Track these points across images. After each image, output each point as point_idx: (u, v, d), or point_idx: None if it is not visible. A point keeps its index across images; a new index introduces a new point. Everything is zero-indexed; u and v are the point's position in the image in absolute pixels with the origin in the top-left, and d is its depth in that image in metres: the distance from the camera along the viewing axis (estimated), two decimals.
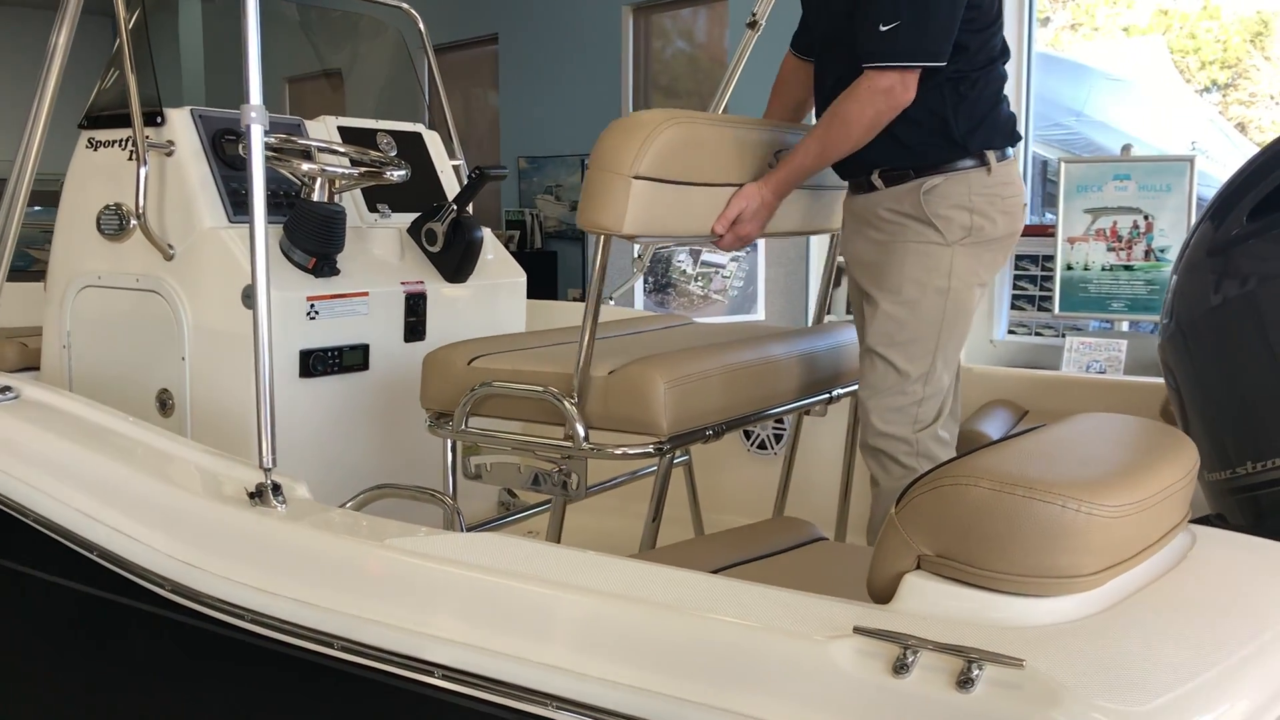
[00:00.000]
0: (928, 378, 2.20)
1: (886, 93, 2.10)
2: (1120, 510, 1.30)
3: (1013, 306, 5.09)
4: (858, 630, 1.25)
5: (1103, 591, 1.30)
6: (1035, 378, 2.99)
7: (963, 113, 2.20)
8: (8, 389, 2.14)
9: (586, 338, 2.02)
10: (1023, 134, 5.24)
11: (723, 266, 5.13)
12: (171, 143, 2.64)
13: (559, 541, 2.23)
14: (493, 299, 3.11)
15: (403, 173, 2.76)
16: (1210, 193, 2.27)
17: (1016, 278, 5.07)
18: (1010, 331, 5.10)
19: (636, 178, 1.94)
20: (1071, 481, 1.29)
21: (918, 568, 1.34)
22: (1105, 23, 6.79)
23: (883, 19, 2.06)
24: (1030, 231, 5.09)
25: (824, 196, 2.56)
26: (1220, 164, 6.05)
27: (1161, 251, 4.57)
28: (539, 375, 2.14)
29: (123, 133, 2.69)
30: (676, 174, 2.03)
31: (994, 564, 1.27)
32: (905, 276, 2.20)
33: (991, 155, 2.23)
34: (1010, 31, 5.16)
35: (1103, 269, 4.70)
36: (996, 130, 2.25)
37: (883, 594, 1.37)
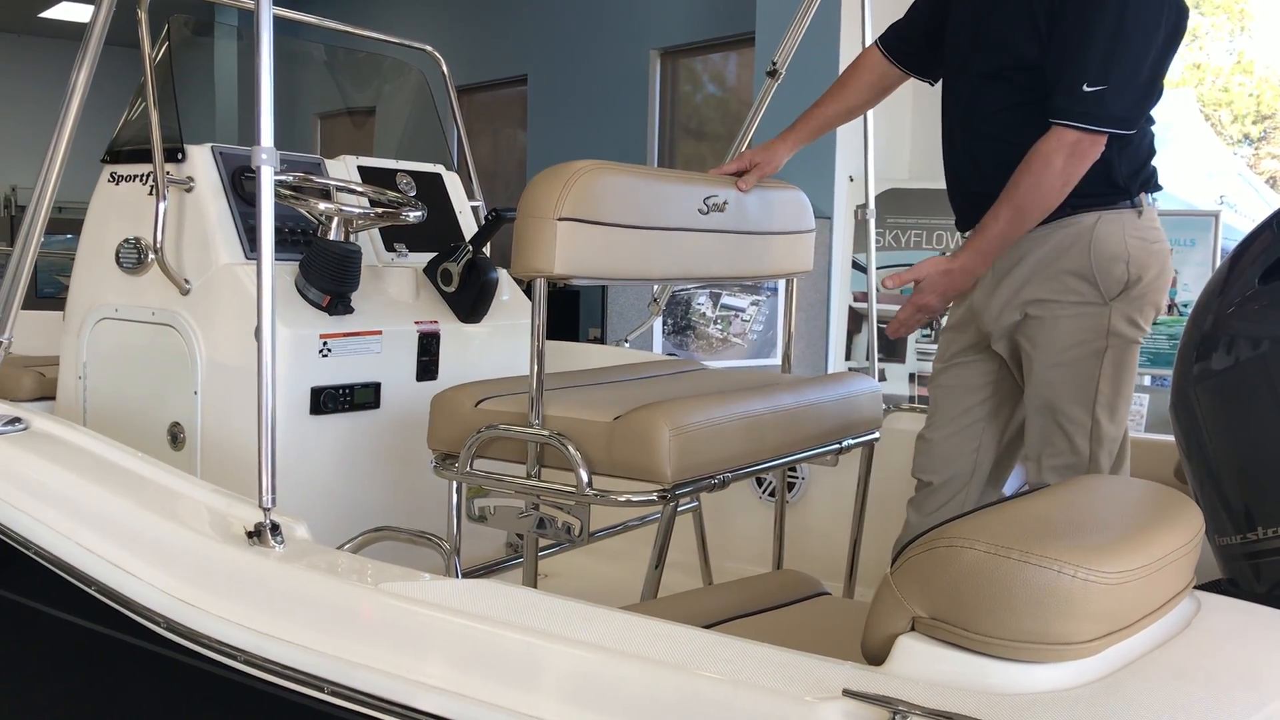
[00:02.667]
0: (1093, 433, 2.22)
1: (1074, 149, 2.10)
2: (1119, 576, 1.27)
3: None
4: (847, 693, 1.22)
5: (1100, 659, 1.28)
6: None
7: (1125, 159, 2.21)
8: (17, 420, 2.15)
9: (535, 382, 2.10)
10: None
11: (743, 310, 5.13)
12: (191, 179, 2.67)
13: (534, 586, 2.22)
14: (507, 340, 3.11)
15: (419, 213, 2.78)
16: None
17: None
18: None
19: (560, 219, 2.03)
20: (1068, 546, 1.26)
21: (912, 629, 1.32)
22: None
23: (1088, 79, 2.06)
24: None
25: (785, 240, 2.62)
26: (1249, 219, 6.01)
27: (1185, 306, 4.53)
28: (545, 419, 2.13)
29: (144, 168, 2.72)
30: (599, 216, 2.11)
31: (987, 628, 1.25)
32: (1060, 339, 2.21)
33: (1143, 197, 2.26)
34: None
35: None
36: (1151, 176, 2.30)
37: (876, 655, 1.34)
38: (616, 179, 2.16)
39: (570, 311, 7.94)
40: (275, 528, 1.74)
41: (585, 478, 2.05)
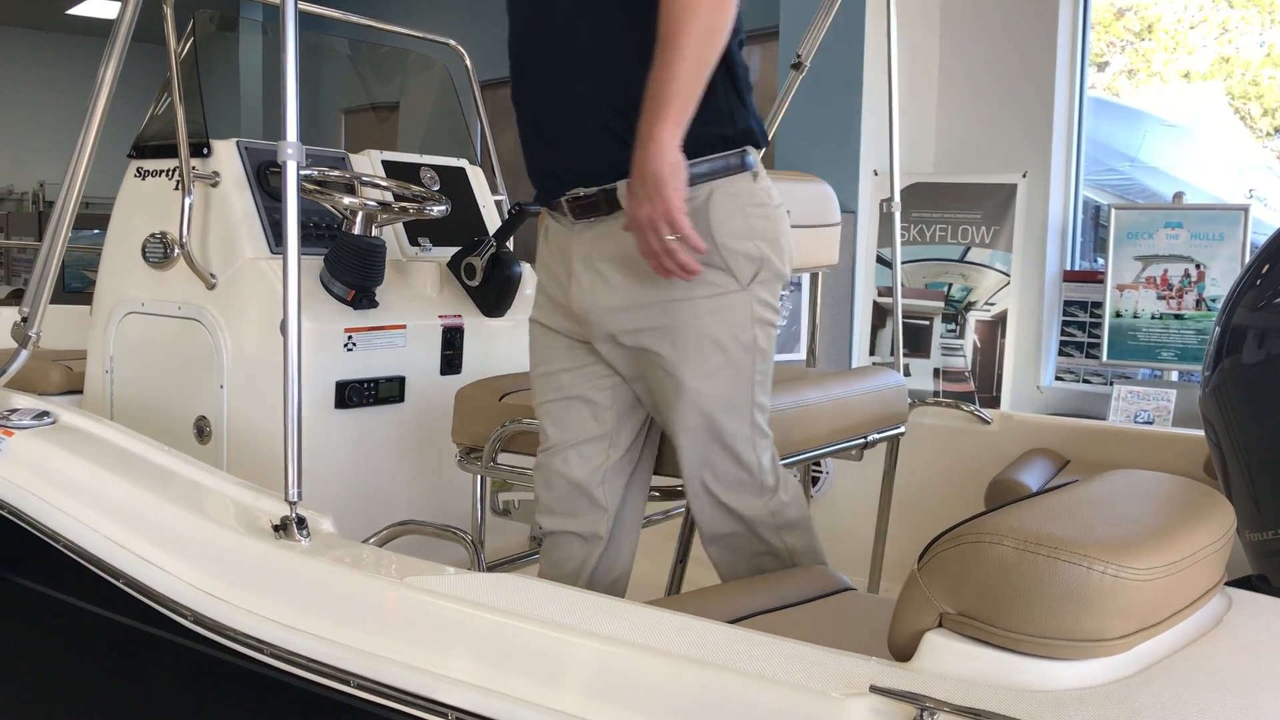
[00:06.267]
0: (754, 441, 1.90)
1: None
2: (1149, 573, 1.26)
3: (1060, 353, 5.02)
4: (874, 689, 1.22)
5: (1129, 656, 1.26)
6: (1077, 427, 2.93)
7: (733, 84, 1.81)
8: (46, 414, 2.17)
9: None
10: (1075, 178, 5.22)
11: None
12: (217, 173, 2.68)
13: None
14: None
15: (443, 208, 2.78)
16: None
17: (1065, 324, 5.00)
18: (1057, 378, 5.03)
19: None
20: (1098, 542, 1.25)
21: (939, 625, 1.31)
22: (1164, 68, 6.72)
23: None
24: (1079, 277, 5.03)
25: (811, 234, 2.61)
26: (1279, 213, 5.94)
27: (1213, 301, 4.48)
28: None
29: (170, 163, 2.73)
30: None
31: (1016, 625, 1.24)
32: (706, 342, 1.82)
33: (754, 153, 1.86)
34: (1062, 75, 5.14)
35: (1152, 317, 4.62)
36: (756, 127, 1.88)
37: (903, 651, 1.34)
38: None
39: None
40: (301, 521, 1.74)
41: None
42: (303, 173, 2.60)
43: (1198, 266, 4.55)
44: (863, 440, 2.52)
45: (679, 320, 1.82)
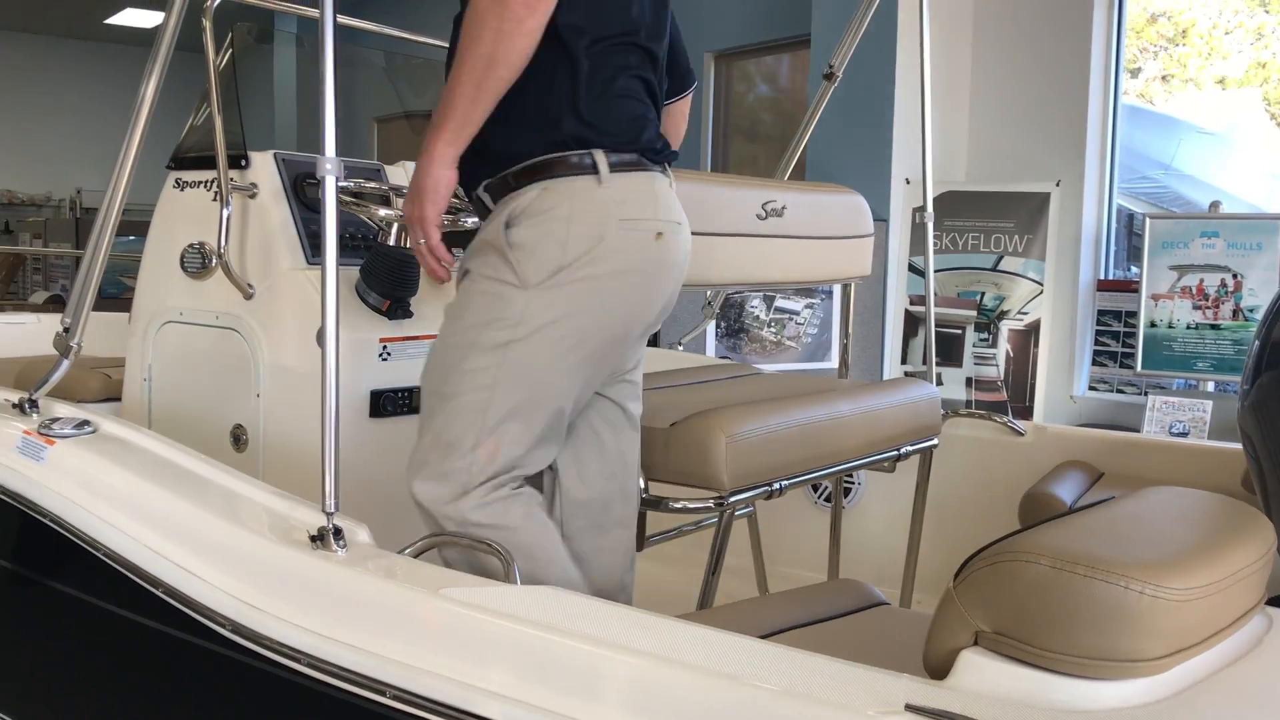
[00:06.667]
0: (478, 449, 1.83)
1: None
2: (1188, 593, 1.25)
3: (1094, 363, 4.99)
4: (909, 708, 1.22)
5: (1167, 677, 1.26)
6: (1112, 439, 2.91)
7: (571, 92, 1.79)
8: (86, 424, 2.20)
9: None
10: (1109, 187, 5.19)
11: (796, 313, 5.11)
12: (254, 185, 2.70)
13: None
14: None
15: (476, 219, 2.79)
16: None
17: (1099, 333, 4.97)
18: (1091, 388, 5.00)
19: None
20: (1135, 562, 1.25)
21: (975, 644, 1.30)
22: (1198, 74, 6.67)
23: None
24: (1113, 286, 4.99)
25: (843, 245, 2.61)
26: None
27: (1251, 311, 4.45)
28: None
29: (208, 174, 2.76)
30: None
31: (1053, 644, 1.23)
32: (466, 316, 1.84)
33: (602, 157, 1.79)
34: (1095, 81, 5.11)
35: (1188, 327, 4.59)
36: (619, 127, 1.82)
37: (939, 668, 1.33)
38: (681, 186, 2.16)
39: None
40: (338, 532, 1.76)
41: (641, 483, 2.06)
42: (340, 185, 2.62)
43: (1235, 276, 4.51)
44: (895, 452, 2.51)
45: (460, 291, 1.91)
